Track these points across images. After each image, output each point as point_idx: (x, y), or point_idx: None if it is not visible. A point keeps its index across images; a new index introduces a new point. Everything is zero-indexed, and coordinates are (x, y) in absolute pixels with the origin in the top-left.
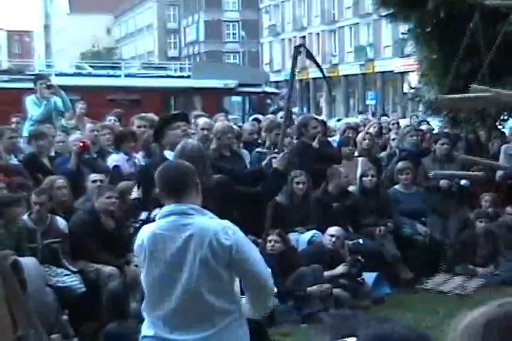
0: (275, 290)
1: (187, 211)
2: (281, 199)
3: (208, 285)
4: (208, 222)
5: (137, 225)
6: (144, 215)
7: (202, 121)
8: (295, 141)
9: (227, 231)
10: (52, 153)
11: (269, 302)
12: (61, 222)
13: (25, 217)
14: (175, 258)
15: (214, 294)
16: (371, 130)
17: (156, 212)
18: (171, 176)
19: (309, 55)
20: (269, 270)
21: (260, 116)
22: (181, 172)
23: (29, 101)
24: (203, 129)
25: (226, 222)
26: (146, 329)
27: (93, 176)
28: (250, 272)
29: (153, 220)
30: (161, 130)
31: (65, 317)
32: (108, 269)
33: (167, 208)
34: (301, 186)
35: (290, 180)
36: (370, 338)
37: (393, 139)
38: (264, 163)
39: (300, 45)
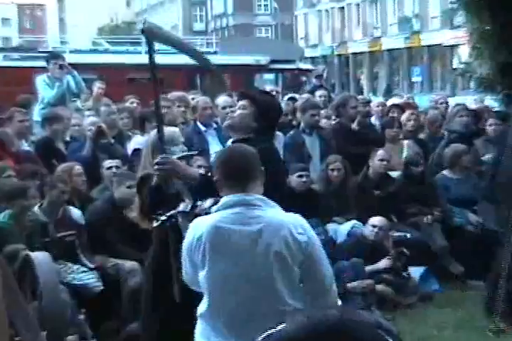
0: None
1: (255, 202)
2: (317, 187)
3: (282, 282)
4: (280, 214)
5: (164, 218)
6: (182, 207)
7: (221, 100)
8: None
9: (302, 225)
10: (68, 138)
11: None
12: (76, 213)
13: (35, 208)
14: (244, 255)
15: (288, 292)
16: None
17: (210, 203)
18: (237, 163)
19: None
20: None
21: (296, 96)
22: (248, 159)
23: (41, 81)
24: (224, 108)
25: (298, 216)
26: (205, 338)
27: (108, 162)
28: (318, 272)
29: (206, 212)
30: None
31: (81, 316)
32: (129, 264)
33: (231, 198)
34: (336, 173)
35: (325, 167)
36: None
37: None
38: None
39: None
